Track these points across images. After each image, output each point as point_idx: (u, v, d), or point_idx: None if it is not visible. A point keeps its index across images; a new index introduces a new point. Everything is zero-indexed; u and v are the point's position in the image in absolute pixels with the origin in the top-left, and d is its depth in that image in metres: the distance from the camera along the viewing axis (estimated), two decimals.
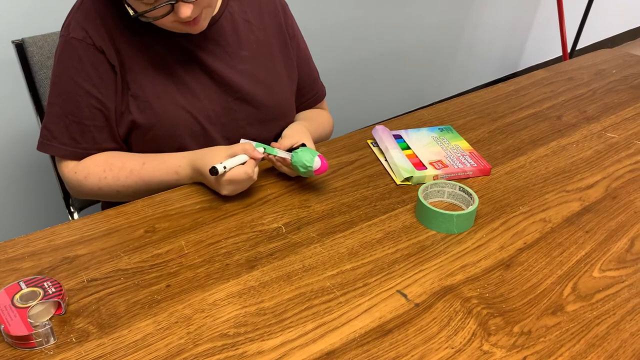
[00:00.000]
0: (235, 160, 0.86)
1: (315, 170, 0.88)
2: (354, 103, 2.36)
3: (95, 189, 0.95)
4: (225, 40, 0.98)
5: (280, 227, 0.84)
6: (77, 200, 1.30)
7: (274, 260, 0.78)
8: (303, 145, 0.92)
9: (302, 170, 0.88)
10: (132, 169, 0.94)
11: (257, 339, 0.65)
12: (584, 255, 0.80)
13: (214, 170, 0.84)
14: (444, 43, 2.58)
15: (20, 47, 1.14)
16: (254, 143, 0.91)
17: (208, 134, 0.98)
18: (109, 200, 0.99)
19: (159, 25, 0.89)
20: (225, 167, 0.85)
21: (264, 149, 0.90)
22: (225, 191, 0.88)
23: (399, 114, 2.57)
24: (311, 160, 0.87)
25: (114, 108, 0.94)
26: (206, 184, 0.92)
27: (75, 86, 0.92)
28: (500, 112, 1.21)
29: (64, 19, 0.95)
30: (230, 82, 0.98)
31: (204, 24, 0.90)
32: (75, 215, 1.30)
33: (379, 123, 1.12)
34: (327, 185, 0.95)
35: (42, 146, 0.95)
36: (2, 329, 0.63)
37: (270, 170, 0.98)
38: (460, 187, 0.88)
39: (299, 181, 0.95)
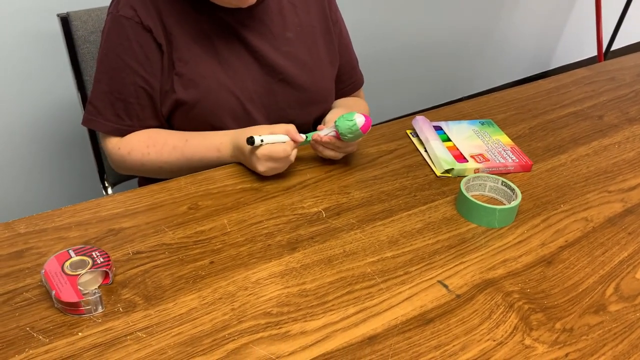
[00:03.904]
0: (275, 138, 0.86)
1: (361, 126, 0.87)
2: (389, 92, 2.35)
3: (138, 165, 0.96)
4: (271, 20, 0.99)
5: (320, 211, 0.85)
6: (111, 175, 1.32)
7: (315, 243, 0.78)
8: None
9: (349, 125, 0.87)
10: (175, 145, 0.95)
11: (300, 319, 0.66)
12: (626, 257, 0.79)
13: (250, 140, 0.85)
14: (477, 38, 2.55)
15: (65, 21, 1.15)
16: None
17: (249, 115, 0.99)
18: (151, 176, 1.01)
19: None
20: (262, 140, 0.85)
21: (307, 137, 0.91)
22: (261, 167, 0.88)
23: (430, 105, 2.55)
24: (350, 117, 0.87)
25: (159, 87, 0.95)
26: (245, 163, 0.92)
27: (122, 64, 0.93)
28: (540, 108, 1.20)
29: None
30: (274, 63, 0.99)
31: None
32: (110, 190, 1.32)
33: (412, 113, 1.11)
34: (366, 173, 0.95)
35: (87, 121, 0.97)
36: (53, 294, 0.64)
37: (309, 154, 0.98)
38: (502, 181, 0.87)
39: (337, 167, 0.96)
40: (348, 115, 0.88)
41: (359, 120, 0.87)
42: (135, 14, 0.91)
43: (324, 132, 0.91)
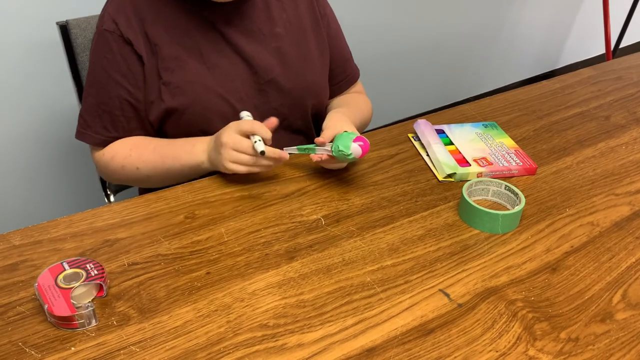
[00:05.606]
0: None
1: (359, 156, 0.84)
2: (390, 95, 2.33)
3: (118, 168, 0.96)
4: (257, 17, 0.98)
5: (320, 219, 0.83)
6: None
7: (314, 252, 0.77)
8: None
9: (345, 155, 0.84)
10: (155, 146, 0.95)
11: (297, 331, 0.64)
12: (634, 262, 0.77)
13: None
14: (483, 38, 2.53)
15: (64, 29, 1.15)
16: (294, 147, 0.91)
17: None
18: (130, 183, 1.02)
19: None
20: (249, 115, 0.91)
21: (306, 149, 0.90)
22: (226, 155, 0.84)
23: (434, 107, 2.53)
24: (347, 147, 0.83)
25: (143, 98, 0.96)
26: (215, 160, 0.88)
27: (107, 77, 0.94)
28: (545, 110, 1.18)
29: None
30: (262, 62, 0.98)
31: None
32: (112, 198, 1.31)
33: (415, 116, 1.09)
34: (367, 178, 0.93)
35: (79, 135, 0.99)
36: (46, 308, 0.63)
37: (308, 161, 0.97)
38: (506, 186, 0.86)
39: (338, 173, 0.94)
40: (344, 142, 0.84)
41: (356, 152, 0.83)
42: (116, 27, 0.92)
43: (320, 151, 0.88)
